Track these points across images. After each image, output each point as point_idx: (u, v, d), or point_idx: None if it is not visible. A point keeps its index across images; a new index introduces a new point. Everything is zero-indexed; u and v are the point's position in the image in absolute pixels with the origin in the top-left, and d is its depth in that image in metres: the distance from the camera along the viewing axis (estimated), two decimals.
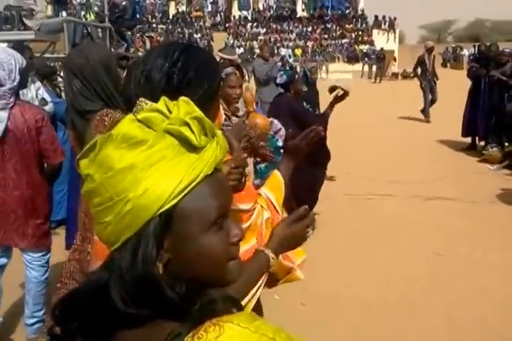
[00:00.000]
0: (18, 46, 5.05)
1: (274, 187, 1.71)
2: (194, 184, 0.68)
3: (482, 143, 8.26)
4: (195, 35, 34.18)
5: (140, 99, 0.82)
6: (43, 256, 3.00)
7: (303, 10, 36.30)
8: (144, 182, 0.66)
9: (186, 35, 34.18)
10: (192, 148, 0.69)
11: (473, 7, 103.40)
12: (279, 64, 8.56)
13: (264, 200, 1.66)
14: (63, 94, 4.57)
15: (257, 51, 29.52)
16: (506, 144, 7.48)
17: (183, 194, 0.67)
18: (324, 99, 4.88)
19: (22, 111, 2.79)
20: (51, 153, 2.89)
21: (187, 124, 0.68)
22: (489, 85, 7.84)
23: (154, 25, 35.56)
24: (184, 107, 0.70)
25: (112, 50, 9.34)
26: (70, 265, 2.74)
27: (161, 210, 0.67)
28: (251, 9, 36.61)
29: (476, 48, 11.03)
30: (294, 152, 1.75)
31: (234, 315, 0.69)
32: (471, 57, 10.29)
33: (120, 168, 0.67)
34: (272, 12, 36.83)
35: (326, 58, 32.02)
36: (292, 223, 1.43)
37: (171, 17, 36.40)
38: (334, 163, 5.37)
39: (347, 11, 35.80)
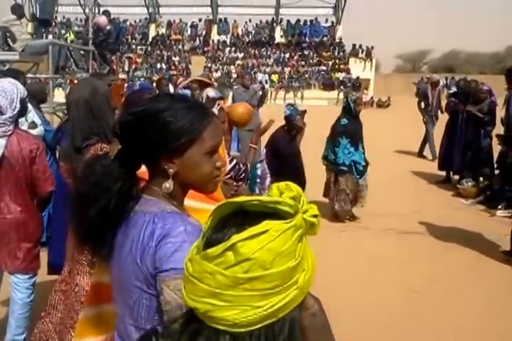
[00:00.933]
0: (13, 72, 5.08)
1: None
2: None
3: (456, 177, 8.45)
4: (173, 58, 34.39)
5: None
6: (29, 278, 3.06)
7: (281, 36, 36.90)
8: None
9: (165, 58, 34.37)
10: None
11: (448, 38, 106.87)
12: (260, 93, 8.70)
13: None
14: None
15: (234, 75, 29.92)
16: (481, 179, 7.66)
17: None
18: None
19: (19, 140, 2.89)
20: (42, 182, 2.99)
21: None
22: (466, 121, 8.07)
23: (133, 47, 35.70)
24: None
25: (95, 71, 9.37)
26: (55, 295, 2.77)
27: None
28: (230, 34, 37.07)
29: (450, 81, 11.33)
30: None
31: None
32: (450, 92, 10.52)
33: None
34: (250, 37, 37.35)
35: (302, 85, 32.51)
36: None
37: (150, 39, 36.59)
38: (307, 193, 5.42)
39: (325, 39, 36.53)
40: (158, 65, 33.52)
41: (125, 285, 1.30)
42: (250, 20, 37.40)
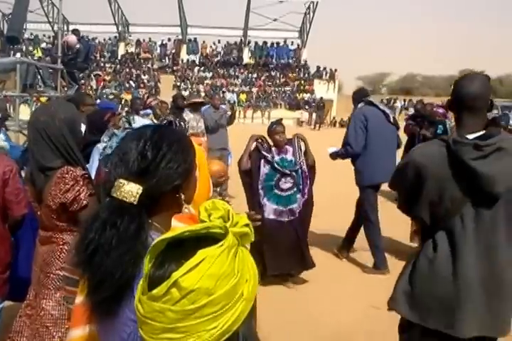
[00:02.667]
0: None
1: None
2: None
3: None
4: (142, 77, 34.31)
5: (118, 179, 0.97)
6: None
7: (249, 57, 37.32)
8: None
9: (134, 76, 34.26)
10: None
11: (405, 61, 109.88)
12: (229, 113, 8.77)
13: None
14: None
15: (203, 94, 29.96)
16: None
17: None
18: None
19: None
20: (15, 205, 2.90)
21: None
22: (423, 142, 8.30)
23: (102, 64, 35.48)
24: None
25: (64, 90, 9.29)
26: (20, 320, 2.65)
27: None
28: (199, 54, 37.28)
29: (408, 103, 11.67)
30: None
31: None
32: (409, 114, 10.85)
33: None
34: (219, 57, 37.63)
35: (269, 104, 32.87)
36: None
37: (119, 57, 36.46)
38: None
39: (291, 61, 37.11)
40: (127, 83, 33.36)
41: (119, 319, 1.25)
42: (219, 41, 37.75)
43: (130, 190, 1.18)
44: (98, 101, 16.81)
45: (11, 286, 3.10)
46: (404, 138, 9.10)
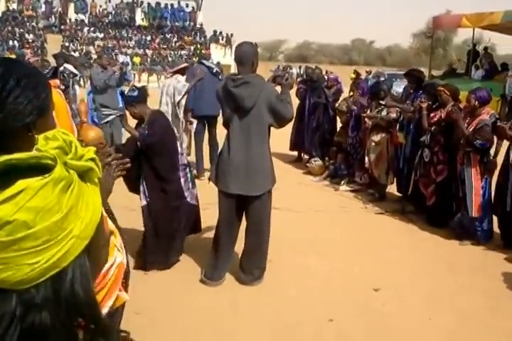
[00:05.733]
0: None
1: None
2: None
3: (307, 157, 9.00)
4: (27, 36, 31.90)
5: None
6: None
7: (142, 19, 35.92)
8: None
9: (17, 35, 31.76)
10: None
11: (301, 29, 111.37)
12: (117, 74, 8.42)
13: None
14: None
15: (94, 56, 28.52)
16: (326, 158, 8.25)
17: None
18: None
19: None
20: None
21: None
22: (313, 106, 8.58)
23: None
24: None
25: None
26: None
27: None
28: (88, 13, 35.25)
29: (303, 70, 11.94)
30: None
31: None
32: (299, 79, 11.13)
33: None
34: (110, 18, 35.85)
35: (165, 68, 32.04)
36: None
37: (0, 14, 33.56)
38: None
39: (186, 24, 36.23)
40: (11, 42, 30.88)
41: None
42: (110, 1, 35.89)
43: None
44: None
45: None
46: (296, 102, 9.40)
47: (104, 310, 1.58)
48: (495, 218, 5.36)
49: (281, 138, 9.64)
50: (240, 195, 4.04)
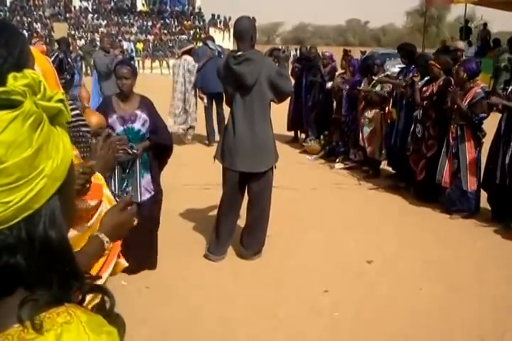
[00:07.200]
0: None
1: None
2: None
3: (303, 136, 8.95)
4: (34, 25, 31.48)
5: None
6: None
7: (143, 4, 35.41)
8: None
9: (26, 24, 31.30)
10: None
11: (297, 11, 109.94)
12: (120, 56, 8.28)
13: (108, 197, 1.76)
14: None
15: (99, 44, 28.21)
16: (321, 137, 8.20)
17: None
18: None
19: None
20: None
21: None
22: (309, 85, 8.49)
23: None
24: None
25: None
26: None
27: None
28: (91, 0, 34.77)
29: (298, 50, 11.79)
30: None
31: (89, 314, 0.72)
32: (294, 58, 11.02)
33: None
34: (112, 4, 35.36)
35: (166, 54, 31.69)
36: (119, 212, 1.50)
37: (8, 4, 33.09)
38: None
39: (185, 8, 35.73)
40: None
41: None
42: None
43: None
44: None
45: None
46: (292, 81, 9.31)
47: (104, 276, 1.60)
48: (483, 192, 5.35)
49: (278, 118, 9.61)
50: (244, 172, 4.02)
